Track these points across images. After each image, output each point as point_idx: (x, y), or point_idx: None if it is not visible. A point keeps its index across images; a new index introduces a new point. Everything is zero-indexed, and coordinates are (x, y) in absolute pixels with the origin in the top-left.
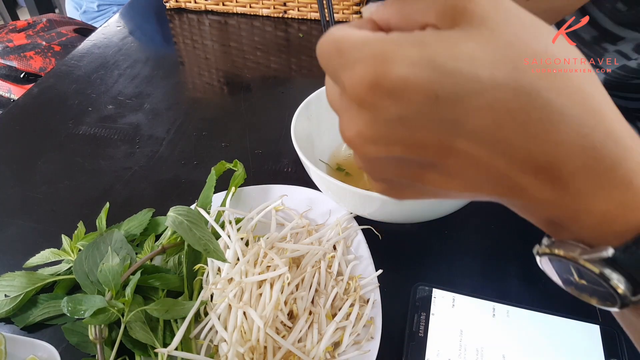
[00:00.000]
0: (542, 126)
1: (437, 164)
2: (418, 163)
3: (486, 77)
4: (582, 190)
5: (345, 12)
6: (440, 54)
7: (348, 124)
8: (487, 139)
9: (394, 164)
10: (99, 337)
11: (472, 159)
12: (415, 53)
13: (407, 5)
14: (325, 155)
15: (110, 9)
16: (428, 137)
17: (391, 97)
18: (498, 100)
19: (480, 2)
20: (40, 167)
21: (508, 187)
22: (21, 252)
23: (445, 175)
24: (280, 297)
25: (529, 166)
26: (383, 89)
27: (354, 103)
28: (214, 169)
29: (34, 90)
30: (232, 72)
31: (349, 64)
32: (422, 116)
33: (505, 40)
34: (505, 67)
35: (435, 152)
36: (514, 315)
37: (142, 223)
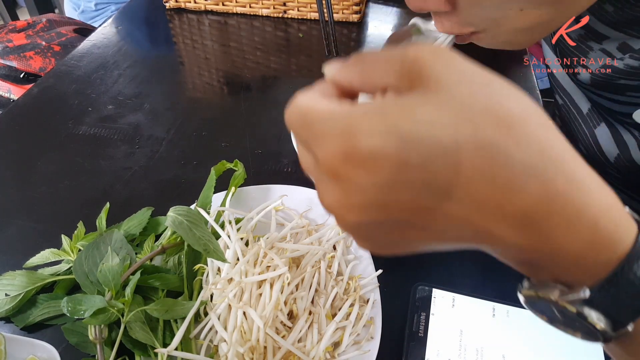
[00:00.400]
0: (507, 178)
1: (416, 223)
2: (397, 223)
3: (448, 139)
4: (552, 233)
5: (345, 12)
6: (403, 121)
7: (325, 194)
8: (457, 195)
9: (374, 226)
10: (99, 337)
11: (447, 215)
12: (379, 124)
13: (367, 67)
14: None
15: (108, 7)
16: (402, 200)
17: (363, 168)
18: (462, 159)
19: (435, 65)
20: (40, 167)
21: (484, 236)
22: (21, 252)
23: (425, 231)
24: (280, 297)
25: (500, 216)
26: (354, 161)
27: (329, 175)
28: (213, 169)
29: (33, 90)
30: (232, 72)
31: (319, 138)
32: (394, 182)
33: (462, 101)
34: (465, 127)
35: (412, 212)
36: (514, 315)
37: (142, 222)
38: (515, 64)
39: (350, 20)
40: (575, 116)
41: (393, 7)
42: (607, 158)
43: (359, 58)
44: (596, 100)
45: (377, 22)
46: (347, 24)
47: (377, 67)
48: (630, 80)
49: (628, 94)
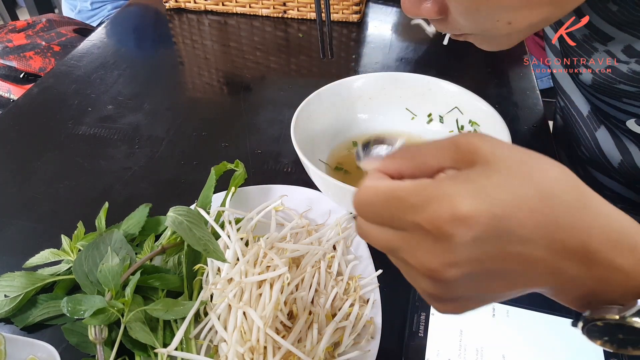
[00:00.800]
0: (571, 220)
1: (503, 271)
2: (486, 275)
3: (521, 194)
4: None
5: (345, 12)
6: (487, 186)
7: (425, 256)
8: (533, 239)
9: (468, 280)
10: (99, 337)
11: (528, 257)
12: (471, 189)
13: (419, 157)
14: (325, 155)
15: (104, 7)
16: (494, 250)
17: (464, 225)
18: (536, 209)
19: (484, 148)
20: (39, 167)
21: (553, 274)
22: (21, 252)
23: (507, 280)
24: (280, 297)
25: (567, 253)
26: (458, 220)
27: (428, 237)
28: (213, 169)
29: (33, 90)
30: (232, 72)
31: (418, 207)
32: (488, 235)
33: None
34: (529, 185)
35: (501, 259)
36: (514, 315)
37: (141, 220)
38: (515, 64)
39: (350, 20)
40: (576, 118)
41: (393, 7)
42: (610, 163)
43: (403, 152)
44: (594, 102)
45: (377, 22)
46: (347, 24)
47: (430, 155)
48: (630, 86)
49: (625, 100)
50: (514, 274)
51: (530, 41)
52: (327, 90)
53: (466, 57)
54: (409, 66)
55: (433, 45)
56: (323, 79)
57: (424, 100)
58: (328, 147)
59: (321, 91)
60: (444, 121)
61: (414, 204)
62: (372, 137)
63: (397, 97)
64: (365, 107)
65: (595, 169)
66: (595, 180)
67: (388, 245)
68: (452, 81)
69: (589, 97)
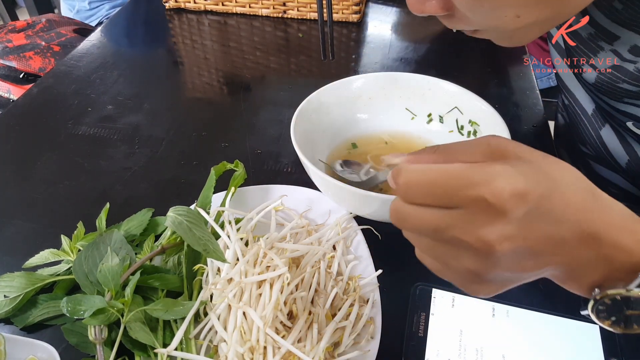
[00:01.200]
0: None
1: (536, 250)
2: (526, 252)
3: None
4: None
5: (345, 12)
6: (531, 170)
7: (484, 230)
8: (564, 219)
9: (512, 257)
10: (99, 338)
11: (557, 237)
12: (521, 171)
13: (452, 153)
14: (325, 155)
15: (102, 6)
16: (538, 227)
17: (522, 201)
18: (565, 193)
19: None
20: (39, 168)
21: (571, 256)
22: (21, 252)
23: (537, 259)
24: (280, 297)
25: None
26: (517, 195)
27: (487, 211)
28: (213, 169)
29: (33, 90)
30: (232, 72)
31: (483, 182)
32: (536, 211)
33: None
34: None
35: (539, 238)
36: (514, 315)
37: (142, 223)
38: (515, 64)
39: (350, 21)
40: (581, 117)
41: (393, 7)
42: (616, 161)
43: (433, 148)
44: (597, 102)
45: (377, 22)
46: (347, 24)
47: (462, 152)
48: (634, 86)
49: (626, 100)
50: (542, 254)
51: None
52: (327, 90)
53: (466, 57)
54: (409, 66)
55: (433, 45)
56: (323, 79)
57: (423, 100)
58: (328, 147)
59: (321, 91)
60: (443, 121)
61: (475, 181)
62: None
63: (397, 97)
64: (365, 107)
65: (601, 164)
66: (600, 176)
67: (436, 224)
68: (452, 81)
69: (592, 96)
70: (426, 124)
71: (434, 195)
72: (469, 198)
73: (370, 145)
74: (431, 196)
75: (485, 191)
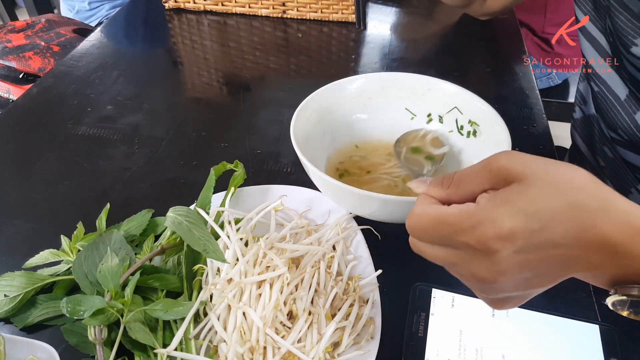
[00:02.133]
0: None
1: (543, 271)
2: (530, 276)
3: (551, 207)
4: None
5: (345, 12)
6: (522, 204)
7: (477, 269)
8: (566, 242)
9: (515, 283)
10: (99, 338)
11: (562, 256)
12: (510, 210)
13: (462, 184)
14: (325, 155)
15: (102, 6)
16: (535, 256)
17: (507, 241)
18: (565, 218)
19: (514, 166)
20: (39, 168)
21: (584, 265)
22: (20, 252)
23: (547, 276)
24: (280, 297)
25: (594, 248)
26: (501, 238)
27: (478, 253)
28: (213, 169)
29: (33, 90)
30: (232, 72)
31: (468, 229)
32: (527, 246)
33: (546, 182)
34: (558, 197)
35: (541, 263)
36: (514, 315)
37: (142, 224)
38: (515, 64)
39: (350, 21)
40: (613, 103)
41: (393, 7)
42: None
43: (447, 179)
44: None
45: (377, 22)
46: (347, 24)
47: (470, 181)
48: None
49: None
50: (552, 271)
51: (530, 41)
52: (327, 90)
53: (466, 57)
54: (409, 66)
55: (433, 45)
56: (322, 79)
57: (423, 100)
58: (328, 147)
59: (321, 91)
60: (443, 121)
61: (462, 227)
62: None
63: (397, 97)
64: (364, 107)
65: (632, 150)
66: (628, 163)
67: (444, 260)
68: (452, 81)
69: (626, 81)
70: (426, 124)
71: (434, 238)
72: (460, 243)
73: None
74: (432, 238)
75: (470, 238)
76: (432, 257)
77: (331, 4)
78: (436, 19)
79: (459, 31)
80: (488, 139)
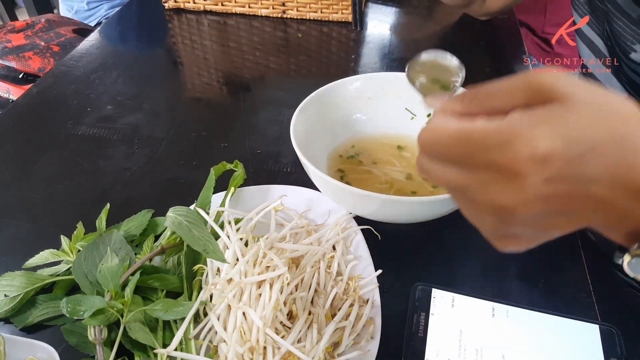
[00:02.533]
0: (636, 161)
1: (568, 210)
2: (554, 212)
3: (593, 137)
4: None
5: (345, 12)
6: (562, 127)
7: (500, 195)
8: (601, 179)
9: (535, 218)
10: (99, 338)
11: (593, 196)
12: (549, 131)
13: (490, 96)
14: (325, 155)
15: (100, 6)
16: (566, 189)
17: (541, 166)
18: (606, 151)
19: (559, 85)
20: (39, 168)
21: (612, 211)
22: (20, 252)
23: (570, 217)
24: (280, 297)
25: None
26: (536, 160)
27: (503, 176)
28: (213, 169)
29: (32, 90)
30: (232, 72)
31: (496, 147)
32: (561, 175)
33: (591, 109)
34: (602, 126)
35: (570, 199)
36: (514, 315)
37: (142, 224)
38: (515, 64)
39: (350, 21)
40: None
41: (392, 7)
42: None
43: (471, 93)
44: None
45: (377, 22)
46: (347, 24)
47: (501, 95)
48: None
49: None
50: (577, 212)
51: (530, 41)
52: (327, 90)
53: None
54: None
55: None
56: (322, 79)
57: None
58: (328, 147)
59: (320, 91)
60: None
61: (490, 144)
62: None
63: (397, 97)
64: (364, 107)
65: None
66: None
67: (454, 183)
68: None
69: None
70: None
71: (450, 156)
72: (482, 162)
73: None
74: (448, 156)
75: (498, 156)
76: (443, 180)
77: (331, 4)
78: (436, 19)
79: (459, 31)
80: None
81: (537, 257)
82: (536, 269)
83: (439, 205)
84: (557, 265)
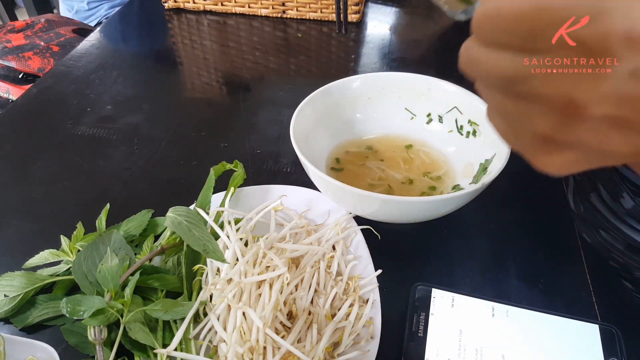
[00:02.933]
0: None
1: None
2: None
3: None
4: None
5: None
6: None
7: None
8: None
9: (600, 126)
10: (98, 338)
11: None
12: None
13: None
14: (325, 155)
15: (101, 6)
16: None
17: (635, 49)
18: None
19: None
20: (38, 168)
21: None
22: (20, 252)
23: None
24: (280, 297)
25: None
26: (631, 40)
27: (587, 61)
28: (213, 169)
29: (32, 90)
30: (231, 72)
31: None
32: None
33: None
34: None
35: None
36: (513, 315)
37: (142, 224)
38: None
39: (349, 21)
40: None
41: (392, 7)
42: None
43: None
44: None
45: (377, 22)
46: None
47: None
48: None
49: None
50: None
51: None
52: (326, 90)
53: None
54: (408, 66)
55: (433, 45)
56: (322, 79)
57: (423, 100)
58: (327, 147)
59: (320, 91)
60: (443, 121)
61: (571, 15)
62: None
63: (397, 97)
64: (364, 107)
65: None
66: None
67: (512, 71)
68: (452, 81)
69: None
70: (425, 124)
71: (514, 32)
72: (559, 40)
73: (370, 147)
74: (511, 33)
75: (584, 31)
76: (494, 68)
77: (331, 4)
78: (436, 19)
79: (459, 31)
80: (487, 139)
81: (537, 257)
82: (536, 269)
83: (439, 205)
84: (557, 265)
